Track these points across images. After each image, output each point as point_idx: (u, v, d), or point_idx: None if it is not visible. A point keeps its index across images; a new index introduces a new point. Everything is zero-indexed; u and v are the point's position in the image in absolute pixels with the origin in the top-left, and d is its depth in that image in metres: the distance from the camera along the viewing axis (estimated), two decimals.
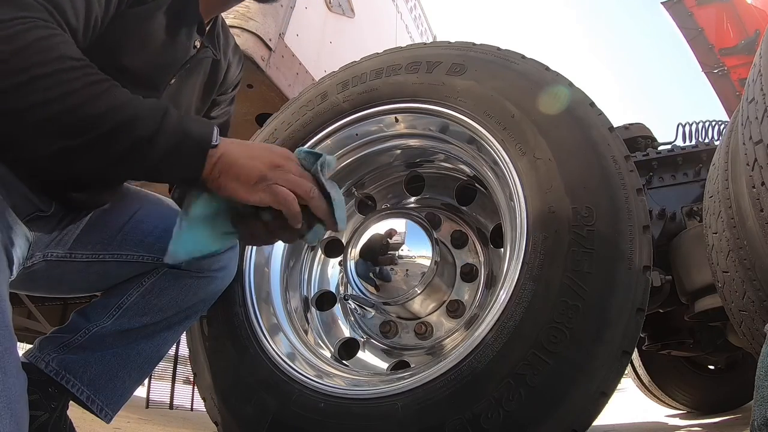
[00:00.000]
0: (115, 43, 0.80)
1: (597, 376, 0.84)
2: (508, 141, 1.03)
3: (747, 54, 2.59)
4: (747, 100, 0.88)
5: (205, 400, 1.15)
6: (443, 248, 1.29)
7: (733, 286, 1.00)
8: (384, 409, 0.92)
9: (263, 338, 1.11)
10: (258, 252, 1.25)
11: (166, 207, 1.06)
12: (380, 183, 1.46)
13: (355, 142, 1.31)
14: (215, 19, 1.02)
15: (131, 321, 0.98)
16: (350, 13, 2.42)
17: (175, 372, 7.62)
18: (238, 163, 0.74)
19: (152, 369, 1.07)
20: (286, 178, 0.76)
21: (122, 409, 1.01)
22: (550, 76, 1.10)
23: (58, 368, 0.93)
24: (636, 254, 0.89)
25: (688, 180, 1.57)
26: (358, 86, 1.27)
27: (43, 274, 0.92)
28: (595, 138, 0.99)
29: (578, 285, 0.86)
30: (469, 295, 1.28)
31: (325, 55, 2.17)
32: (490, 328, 0.90)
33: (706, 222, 1.12)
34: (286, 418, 0.99)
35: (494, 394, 0.84)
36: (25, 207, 0.79)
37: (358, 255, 1.24)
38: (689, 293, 1.35)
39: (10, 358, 0.60)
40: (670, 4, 2.80)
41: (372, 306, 1.33)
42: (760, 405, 0.62)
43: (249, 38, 1.73)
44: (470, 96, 1.11)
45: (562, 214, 0.92)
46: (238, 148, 0.76)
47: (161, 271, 1.01)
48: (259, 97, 1.89)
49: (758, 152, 0.80)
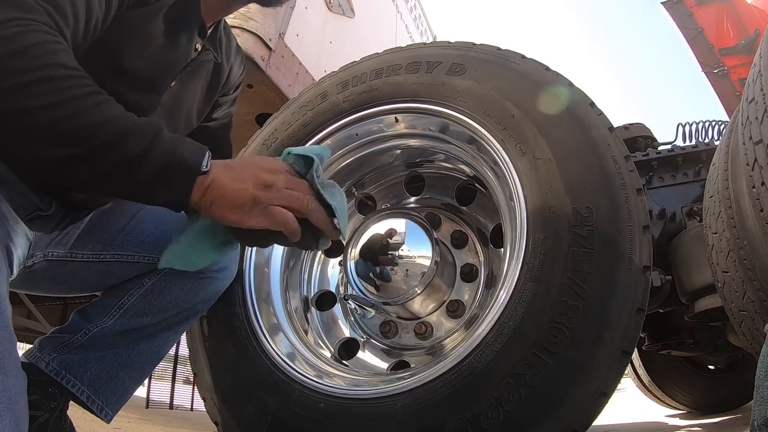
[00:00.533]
0: (115, 45, 0.79)
1: (597, 376, 0.84)
2: (508, 141, 1.03)
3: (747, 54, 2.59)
4: (747, 100, 0.88)
5: (205, 400, 1.15)
6: (443, 248, 1.29)
7: (733, 286, 1.00)
8: (384, 409, 0.92)
9: (263, 338, 1.11)
10: (258, 252, 1.25)
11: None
12: (380, 183, 1.46)
13: (355, 142, 1.31)
14: (218, 23, 1.02)
15: (132, 321, 0.98)
16: (350, 13, 2.42)
17: (175, 372, 7.63)
18: (228, 189, 0.72)
19: (152, 369, 1.07)
20: (281, 196, 0.74)
21: (122, 409, 1.01)
22: (550, 76, 1.10)
23: (58, 368, 0.93)
24: (636, 254, 0.89)
25: (688, 180, 1.57)
26: (358, 86, 1.27)
27: (43, 274, 0.92)
28: (595, 138, 0.99)
29: (578, 285, 0.86)
30: (469, 295, 1.28)
31: (325, 55, 2.17)
32: (490, 328, 0.90)
33: (706, 222, 1.12)
34: (286, 418, 0.99)
35: (494, 394, 0.84)
36: (26, 206, 0.79)
37: (358, 255, 1.24)
38: (689, 293, 1.35)
39: (10, 358, 0.60)
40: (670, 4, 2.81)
41: (372, 306, 1.33)
42: (760, 405, 0.62)
43: (249, 38, 1.73)
44: (470, 96, 1.11)
45: (562, 214, 0.92)
46: (226, 174, 0.73)
47: (162, 271, 1.01)
48: (259, 97, 1.89)
49: (758, 152, 0.80)
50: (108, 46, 0.78)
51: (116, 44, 0.79)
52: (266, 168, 0.76)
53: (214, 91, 1.09)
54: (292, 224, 0.75)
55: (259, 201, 0.73)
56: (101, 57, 0.73)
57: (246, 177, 0.74)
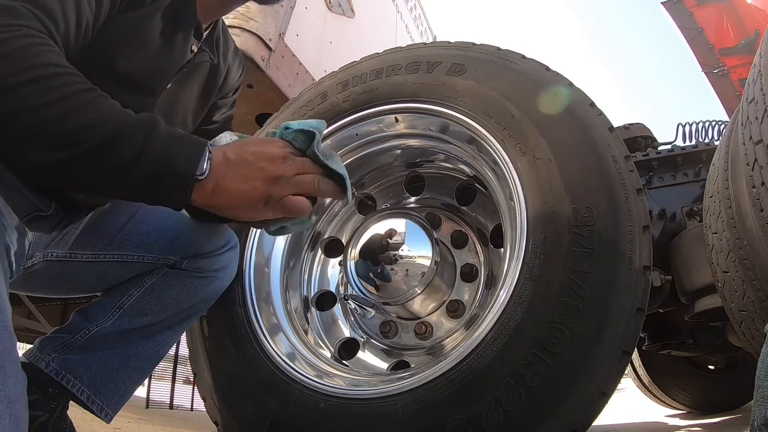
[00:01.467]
0: (110, 48, 0.79)
1: (597, 376, 0.84)
2: (508, 141, 1.03)
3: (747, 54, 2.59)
4: (747, 100, 0.88)
5: (205, 400, 1.15)
6: (443, 248, 1.29)
7: (733, 286, 1.00)
8: (384, 409, 0.92)
9: (263, 338, 1.11)
10: (258, 252, 1.25)
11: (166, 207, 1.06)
12: (380, 183, 1.46)
13: (355, 142, 1.31)
14: (215, 23, 1.02)
15: (131, 321, 0.98)
16: (350, 13, 2.42)
17: (175, 372, 7.63)
18: (236, 191, 0.70)
19: (152, 369, 1.06)
20: (291, 185, 0.74)
21: (122, 409, 1.01)
22: (550, 76, 1.10)
23: (58, 368, 0.93)
24: (636, 254, 0.89)
25: (688, 180, 1.57)
26: (358, 86, 1.27)
27: (43, 274, 0.92)
28: (595, 138, 0.99)
29: (578, 285, 0.86)
30: (469, 295, 1.28)
31: (325, 55, 2.17)
32: (490, 328, 0.90)
33: (706, 222, 1.12)
34: (286, 418, 0.99)
35: (494, 394, 0.84)
36: (25, 207, 0.79)
37: (358, 255, 1.24)
38: (689, 293, 1.35)
39: (10, 358, 0.60)
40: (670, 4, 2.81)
41: (372, 306, 1.33)
42: (760, 405, 0.62)
43: (249, 38, 1.73)
44: (470, 96, 1.11)
45: (562, 214, 0.92)
46: (230, 173, 0.71)
47: (161, 271, 1.01)
48: (259, 97, 1.89)
49: (758, 152, 0.80)
50: (102, 48, 0.77)
51: (111, 46, 0.79)
52: (270, 157, 0.74)
53: (211, 93, 1.08)
54: (307, 209, 0.75)
55: (270, 197, 0.73)
56: (96, 60, 0.73)
57: (252, 173, 0.72)
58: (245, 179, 0.71)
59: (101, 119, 0.63)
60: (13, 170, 0.72)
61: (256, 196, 0.72)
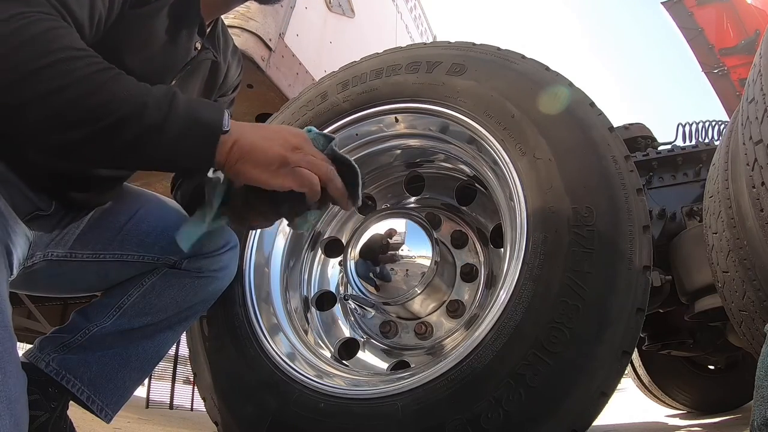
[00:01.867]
0: (116, 44, 0.79)
1: (597, 376, 0.84)
2: (508, 141, 1.03)
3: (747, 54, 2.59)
4: (747, 100, 0.88)
5: (205, 400, 1.15)
6: (443, 248, 1.29)
7: (733, 286, 1.00)
8: (384, 409, 0.92)
9: (263, 338, 1.11)
10: (258, 252, 1.25)
11: (166, 207, 1.06)
12: (380, 183, 1.46)
13: (355, 142, 1.31)
14: (216, 21, 1.02)
15: (131, 321, 0.98)
16: (350, 13, 2.42)
17: (175, 372, 7.63)
18: (256, 146, 0.73)
19: (152, 369, 1.07)
20: (307, 160, 0.76)
21: (122, 409, 1.01)
22: (550, 76, 1.10)
23: (58, 368, 0.93)
24: (636, 254, 0.89)
25: (688, 180, 1.57)
26: (358, 86, 1.27)
27: (43, 274, 0.92)
28: (595, 138, 0.99)
29: (578, 285, 0.86)
30: (469, 295, 1.28)
31: (325, 55, 2.17)
32: (490, 328, 0.90)
33: (706, 222, 1.12)
34: (286, 418, 0.99)
35: (494, 394, 0.84)
36: (25, 206, 0.79)
37: (358, 255, 1.24)
38: (689, 293, 1.35)
39: (10, 358, 0.60)
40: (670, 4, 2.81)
41: (372, 306, 1.33)
42: (760, 405, 0.62)
43: (249, 38, 1.73)
44: (470, 96, 1.11)
45: (562, 214, 0.92)
46: (252, 131, 0.74)
47: (161, 271, 1.01)
48: (259, 97, 1.89)
49: (758, 152, 0.80)
50: (109, 44, 0.78)
51: (117, 43, 0.79)
52: (294, 133, 0.78)
53: (212, 90, 1.09)
54: (317, 186, 0.76)
55: (287, 161, 0.74)
56: (104, 56, 0.73)
57: (273, 137, 0.75)
58: (267, 140, 0.74)
59: (127, 91, 0.66)
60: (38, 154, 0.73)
61: (273, 156, 0.73)
